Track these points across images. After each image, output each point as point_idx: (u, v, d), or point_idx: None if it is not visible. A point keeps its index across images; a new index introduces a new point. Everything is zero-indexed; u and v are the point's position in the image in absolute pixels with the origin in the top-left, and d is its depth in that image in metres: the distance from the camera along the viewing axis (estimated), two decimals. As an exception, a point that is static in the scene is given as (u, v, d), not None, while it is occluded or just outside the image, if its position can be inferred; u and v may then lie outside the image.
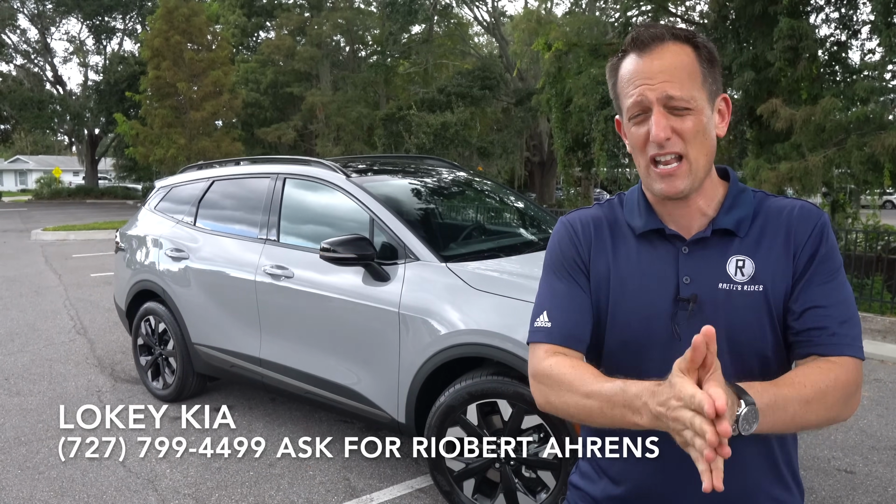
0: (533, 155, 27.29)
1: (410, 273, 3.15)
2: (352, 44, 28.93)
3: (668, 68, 1.07)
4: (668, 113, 1.07)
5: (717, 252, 1.13)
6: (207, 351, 4.16)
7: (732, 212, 1.14)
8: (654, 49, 1.08)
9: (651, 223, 1.17)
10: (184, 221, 4.55)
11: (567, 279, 1.21)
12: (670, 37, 1.09)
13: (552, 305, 1.19)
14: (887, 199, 18.58)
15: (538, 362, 1.15)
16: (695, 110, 1.07)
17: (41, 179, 39.14)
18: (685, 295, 1.12)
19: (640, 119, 1.10)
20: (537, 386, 1.15)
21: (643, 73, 1.08)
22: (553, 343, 1.16)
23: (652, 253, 1.17)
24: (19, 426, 4.11)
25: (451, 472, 2.92)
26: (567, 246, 1.23)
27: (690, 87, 1.07)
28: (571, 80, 12.39)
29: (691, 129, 1.07)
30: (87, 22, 34.47)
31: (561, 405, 1.10)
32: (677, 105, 1.07)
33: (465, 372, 2.92)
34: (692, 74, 1.08)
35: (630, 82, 1.10)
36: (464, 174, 4.63)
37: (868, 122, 7.64)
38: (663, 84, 1.06)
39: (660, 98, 1.06)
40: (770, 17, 9.01)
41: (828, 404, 1.02)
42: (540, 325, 1.19)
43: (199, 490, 3.29)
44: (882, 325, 6.78)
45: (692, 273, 1.13)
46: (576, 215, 1.27)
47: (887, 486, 3.38)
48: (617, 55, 1.15)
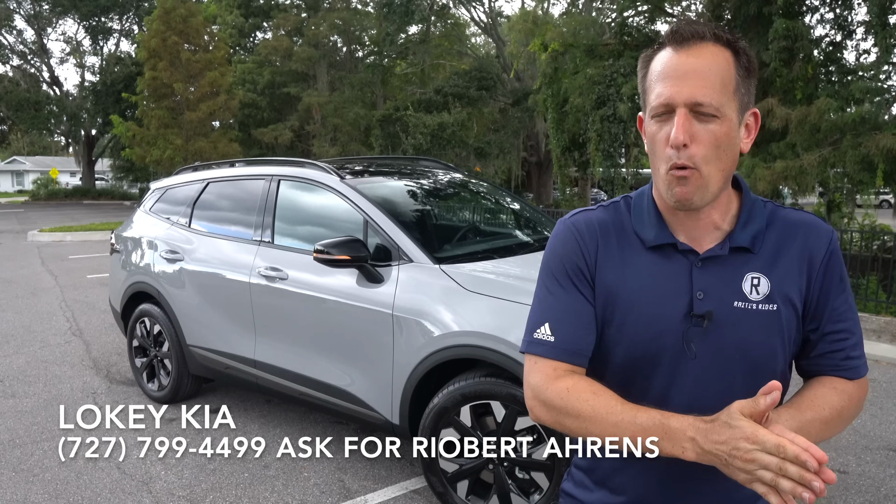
0: (530, 155, 27.30)
1: (404, 275, 3.15)
2: (349, 44, 28.91)
3: (703, 70, 1.01)
4: (692, 118, 1.02)
5: (732, 268, 1.09)
6: (202, 353, 4.16)
7: (748, 227, 1.11)
8: (692, 46, 1.03)
9: (663, 237, 1.12)
10: (179, 223, 4.55)
11: (570, 288, 1.14)
12: (711, 37, 1.03)
13: (554, 317, 1.13)
14: (884, 198, 18.60)
15: (547, 385, 1.10)
16: (721, 119, 1.02)
17: (38, 180, 39.08)
18: (699, 311, 1.08)
19: (663, 118, 1.04)
20: (547, 411, 1.10)
21: (676, 71, 1.02)
22: (557, 360, 1.11)
23: (664, 265, 1.11)
24: (14, 428, 4.11)
25: (445, 473, 2.93)
26: (572, 251, 1.15)
27: (722, 93, 1.02)
28: (568, 80, 12.42)
29: (713, 139, 1.02)
30: (83, 23, 34.42)
31: (579, 431, 1.08)
32: (705, 111, 1.01)
33: (459, 373, 2.92)
34: (726, 81, 1.02)
35: (660, 78, 1.04)
36: (459, 175, 4.64)
37: (863, 123, 7.66)
38: (694, 87, 1.01)
39: (687, 102, 1.01)
40: (765, 17, 9.04)
41: (843, 420, 1.09)
42: (541, 337, 1.13)
43: (194, 492, 3.30)
44: (877, 325, 6.80)
45: (706, 288, 1.08)
46: (580, 217, 1.19)
47: (880, 486, 3.39)
48: (653, 46, 1.09)
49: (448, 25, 27.60)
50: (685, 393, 1.10)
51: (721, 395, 1.08)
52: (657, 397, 1.11)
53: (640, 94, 1.13)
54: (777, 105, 8.23)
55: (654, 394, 1.11)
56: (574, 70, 12.43)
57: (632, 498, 1.17)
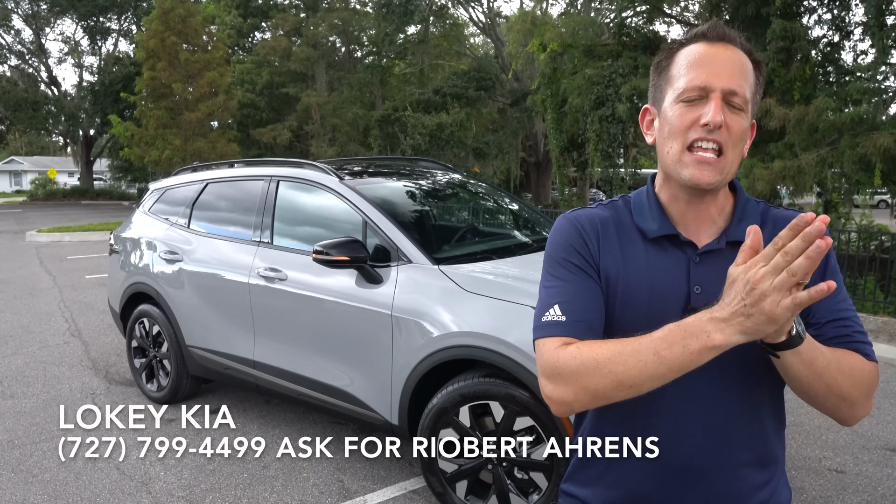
0: (529, 155, 27.31)
1: (403, 275, 3.16)
2: (348, 44, 28.91)
3: (737, 64, 1.08)
4: (725, 106, 1.06)
5: (728, 263, 1.09)
6: (201, 353, 4.17)
7: (743, 222, 1.13)
8: (728, 45, 1.09)
9: (665, 228, 1.15)
10: (178, 224, 4.56)
11: (576, 271, 1.15)
12: (739, 45, 1.10)
13: (564, 299, 1.12)
14: (881, 198, 18.64)
15: (557, 355, 1.06)
16: (746, 113, 1.08)
17: (36, 181, 39.01)
18: (696, 305, 1.09)
19: (693, 102, 1.07)
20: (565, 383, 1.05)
21: (714, 59, 1.07)
22: (568, 336, 1.09)
23: (662, 258, 1.14)
24: (13, 429, 4.11)
25: (444, 473, 2.93)
26: (575, 240, 1.17)
27: (749, 91, 1.08)
28: (566, 80, 12.43)
29: (739, 129, 1.07)
30: (81, 23, 34.37)
31: (603, 382, 1.01)
32: (736, 103, 1.06)
33: (458, 374, 2.93)
34: (750, 81, 1.09)
35: (696, 65, 1.08)
36: (458, 176, 4.65)
37: (861, 123, 7.68)
38: (731, 77, 1.06)
39: (724, 89, 1.06)
40: (763, 18, 9.06)
41: (854, 380, 1.05)
42: (551, 318, 1.11)
43: (193, 492, 3.30)
44: (875, 325, 6.81)
45: (703, 283, 1.11)
46: (580, 213, 1.22)
47: (877, 485, 3.40)
48: (678, 42, 1.13)
49: (447, 26, 27.61)
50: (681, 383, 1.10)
51: (716, 386, 1.10)
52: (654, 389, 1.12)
53: (653, 85, 1.16)
54: (775, 105, 8.25)
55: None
56: (573, 70, 12.45)
57: (629, 492, 1.18)
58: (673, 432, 1.13)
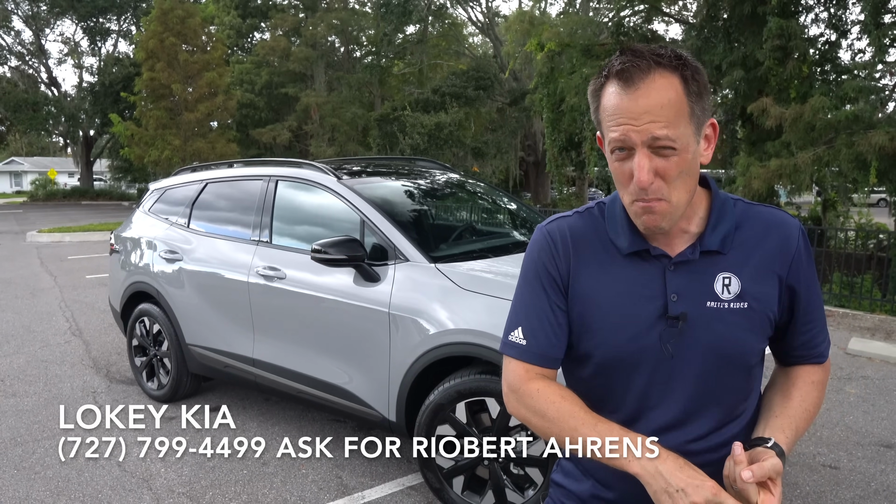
0: (528, 155, 27.35)
1: (400, 274, 3.19)
2: (346, 44, 28.95)
3: (654, 107, 1.01)
4: (651, 154, 1.03)
5: (703, 269, 1.13)
6: (201, 351, 4.20)
7: (718, 228, 1.13)
8: (639, 86, 1.02)
9: (636, 244, 1.15)
10: (178, 223, 4.59)
11: (541, 293, 1.19)
12: (656, 67, 1.02)
13: (527, 322, 1.20)
14: (880, 196, 18.65)
15: (520, 384, 1.19)
16: (680, 150, 1.03)
17: (36, 181, 39.03)
18: (674, 312, 1.11)
19: (623, 155, 1.06)
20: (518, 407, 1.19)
21: (627, 112, 1.03)
22: (528, 362, 1.19)
23: (638, 270, 1.15)
24: (15, 427, 4.15)
25: (441, 469, 2.97)
26: (545, 258, 1.20)
27: (677, 124, 1.02)
28: (564, 80, 12.45)
29: (675, 170, 1.04)
30: (81, 23, 34.39)
31: (542, 430, 1.16)
32: (664, 145, 1.02)
33: (454, 371, 2.97)
34: (679, 111, 1.03)
35: (614, 115, 1.04)
36: (455, 176, 4.68)
37: (857, 121, 7.71)
38: (648, 125, 1.01)
39: (644, 140, 1.02)
40: (760, 16, 9.09)
41: (819, 399, 1.23)
42: (514, 340, 1.20)
43: (194, 489, 3.34)
44: (871, 323, 6.85)
45: (679, 290, 1.12)
46: (554, 225, 1.22)
47: (870, 481, 3.44)
48: (600, 78, 1.08)
49: (445, 25, 27.64)
50: (664, 390, 1.15)
51: (697, 390, 1.14)
52: (638, 395, 1.16)
53: (593, 111, 1.13)
54: (772, 104, 8.29)
55: (634, 392, 1.16)
56: (570, 70, 12.47)
57: (620, 494, 1.20)
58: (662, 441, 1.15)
